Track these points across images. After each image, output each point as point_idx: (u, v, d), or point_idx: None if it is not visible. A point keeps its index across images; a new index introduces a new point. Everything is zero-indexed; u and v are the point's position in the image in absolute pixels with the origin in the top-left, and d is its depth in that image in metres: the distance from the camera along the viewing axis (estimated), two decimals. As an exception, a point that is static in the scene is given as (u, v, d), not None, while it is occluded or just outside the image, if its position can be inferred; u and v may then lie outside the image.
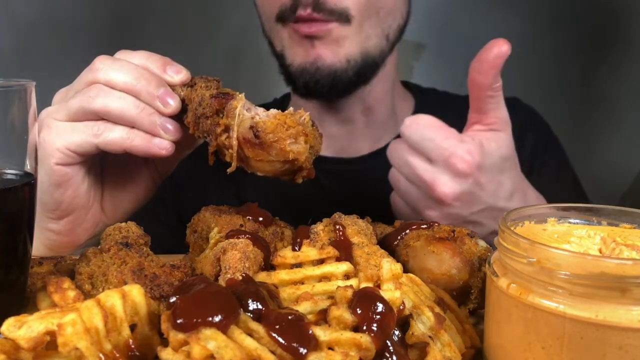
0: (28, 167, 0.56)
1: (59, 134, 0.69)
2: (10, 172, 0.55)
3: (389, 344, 0.49)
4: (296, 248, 0.63)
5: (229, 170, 0.64)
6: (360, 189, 1.17)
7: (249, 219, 0.70)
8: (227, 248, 0.58)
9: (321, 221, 0.66)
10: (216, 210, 0.72)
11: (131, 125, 0.68)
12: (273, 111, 0.63)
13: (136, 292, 0.48)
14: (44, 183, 0.70)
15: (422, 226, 0.71)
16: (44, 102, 0.68)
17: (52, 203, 0.72)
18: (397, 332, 0.53)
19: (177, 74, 0.70)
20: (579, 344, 0.46)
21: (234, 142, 0.62)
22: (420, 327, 0.53)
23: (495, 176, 0.77)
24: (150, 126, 0.68)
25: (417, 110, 1.22)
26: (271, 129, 0.61)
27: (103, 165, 0.79)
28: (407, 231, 0.70)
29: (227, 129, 0.63)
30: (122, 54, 0.73)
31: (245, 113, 0.63)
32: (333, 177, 1.18)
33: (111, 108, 0.67)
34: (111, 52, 0.74)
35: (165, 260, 0.59)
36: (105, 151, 0.70)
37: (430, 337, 0.52)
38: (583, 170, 1.27)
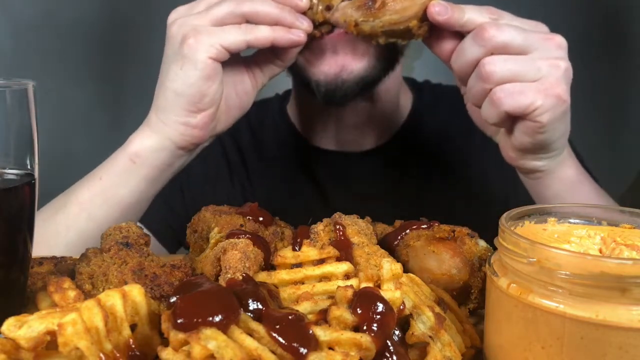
0: (28, 166, 0.56)
1: (210, 33, 0.79)
2: (11, 172, 0.55)
3: (389, 343, 0.49)
4: (296, 248, 0.63)
5: (376, 5, 0.73)
6: (362, 183, 1.18)
7: (249, 219, 0.70)
8: (227, 248, 0.58)
9: (321, 221, 0.66)
10: (216, 210, 0.72)
11: (274, 23, 0.79)
12: None
13: (136, 292, 0.49)
14: (191, 77, 0.80)
15: (422, 226, 0.71)
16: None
17: (197, 95, 0.81)
18: (397, 332, 0.53)
19: None
20: (579, 344, 0.46)
21: None
22: (421, 327, 0.53)
23: None
24: (290, 21, 0.79)
25: (416, 104, 1.23)
26: None
27: None
28: (407, 231, 0.70)
29: None
30: None
31: None
32: (335, 171, 1.18)
33: (259, 10, 0.79)
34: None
35: (166, 260, 0.60)
36: (253, 47, 0.81)
37: (430, 337, 0.52)
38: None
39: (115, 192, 0.87)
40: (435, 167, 1.19)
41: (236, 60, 0.84)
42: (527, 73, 0.71)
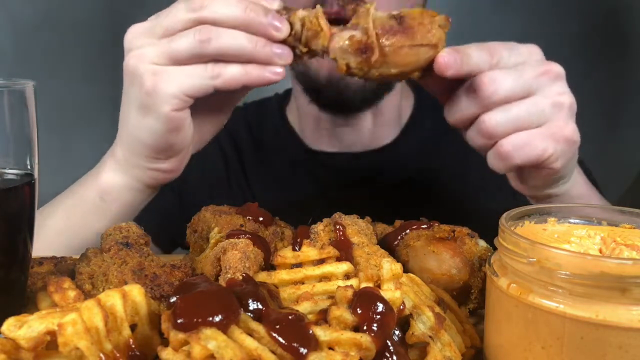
0: (28, 166, 0.56)
1: (170, 80, 0.68)
2: (11, 172, 0.55)
3: (389, 343, 0.49)
4: (296, 248, 0.63)
5: (373, 58, 0.64)
6: (363, 183, 1.18)
7: (249, 219, 0.70)
8: (227, 248, 0.58)
9: (321, 221, 0.66)
10: (216, 210, 0.72)
11: (248, 61, 0.67)
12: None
13: (136, 292, 0.49)
14: (156, 129, 0.71)
15: (422, 226, 0.71)
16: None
17: (164, 146, 0.74)
18: (397, 332, 0.53)
19: (273, 0, 0.68)
20: (579, 344, 0.46)
21: (372, 32, 0.63)
22: (421, 327, 0.53)
23: None
24: (266, 57, 0.66)
25: (417, 106, 1.23)
26: (417, 15, 0.64)
27: None
28: (407, 231, 0.70)
29: (354, 27, 0.65)
30: None
31: (378, 12, 0.65)
32: (337, 173, 1.19)
33: (227, 49, 0.66)
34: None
35: (166, 260, 0.60)
36: (222, 91, 0.69)
37: (430, 337, 0.52)
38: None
39: (86, 226, 0.83)
40: (436, 166, 1.19)
41: None
42: (532, 119, 0.66)
